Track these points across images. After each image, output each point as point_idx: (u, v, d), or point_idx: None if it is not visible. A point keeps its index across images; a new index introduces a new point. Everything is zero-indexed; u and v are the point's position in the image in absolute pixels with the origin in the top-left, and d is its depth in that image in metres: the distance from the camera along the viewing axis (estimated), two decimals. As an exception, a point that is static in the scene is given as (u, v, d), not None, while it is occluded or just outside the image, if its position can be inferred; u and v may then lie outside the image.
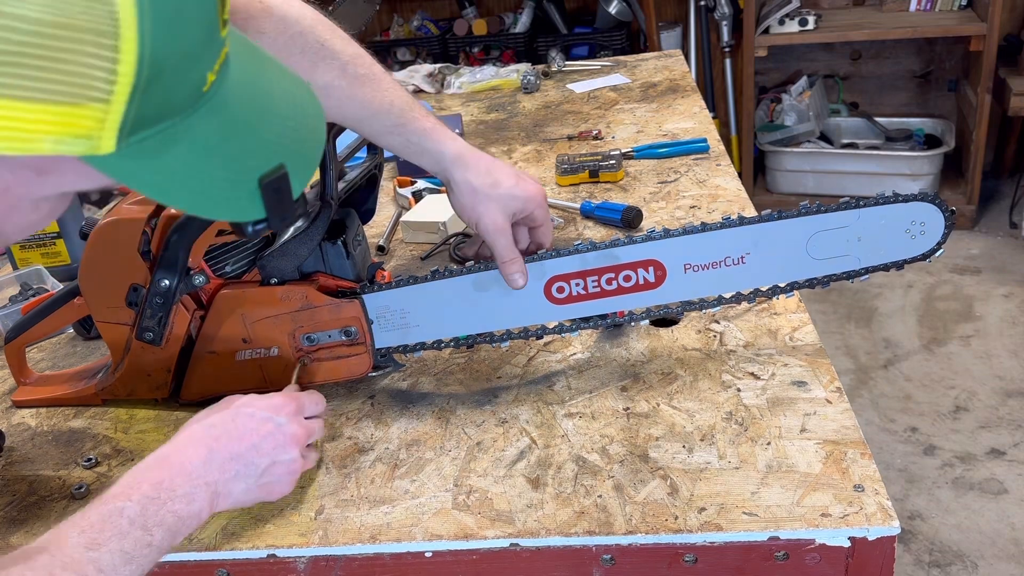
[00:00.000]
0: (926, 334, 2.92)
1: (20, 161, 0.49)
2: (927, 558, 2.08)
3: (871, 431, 2.49)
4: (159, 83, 0.48)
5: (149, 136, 0.50)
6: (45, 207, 0.55)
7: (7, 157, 0.47)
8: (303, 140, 0.61)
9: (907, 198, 0.94)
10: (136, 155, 0.50)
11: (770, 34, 3.51)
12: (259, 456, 0.80)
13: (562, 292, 0.97)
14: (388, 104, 0.99)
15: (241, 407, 0.82)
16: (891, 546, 0.78)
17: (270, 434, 0.81)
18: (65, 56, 0.44)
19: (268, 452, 0.81)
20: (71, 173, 0.52)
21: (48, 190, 0.53)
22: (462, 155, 1.01)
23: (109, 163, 0.49)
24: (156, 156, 0.51)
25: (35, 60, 0.44)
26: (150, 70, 0.47)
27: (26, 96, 0.45)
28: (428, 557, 0.83)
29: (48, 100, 0.45)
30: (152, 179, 0.52)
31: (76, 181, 0.53)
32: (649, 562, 0.81)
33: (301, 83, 0.63)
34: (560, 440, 0.93)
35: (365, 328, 0.99)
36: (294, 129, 0.60)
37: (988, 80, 3.29)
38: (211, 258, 0.98)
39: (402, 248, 1.43)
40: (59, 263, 1.46)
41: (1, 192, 0.51)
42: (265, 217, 0.57)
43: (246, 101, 0.56)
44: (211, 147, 0.53)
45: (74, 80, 0.45)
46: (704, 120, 1.82)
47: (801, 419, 0.91)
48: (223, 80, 0.54)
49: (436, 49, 3.88)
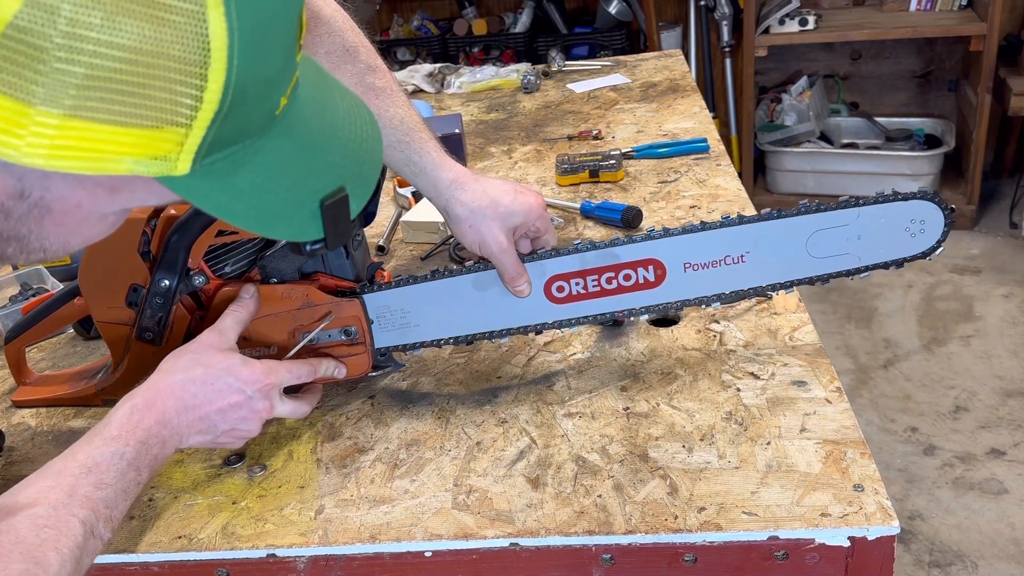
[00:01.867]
0: (926, 334, 2.92)
1: (95, 179, 0.50)
2: (927, 558, 2.08)
3: (871, 431, 2.49)
4: (239, 108, 0.49)
5: (222, 158, 0.51)
6: (110, 220, 0.57)
7: (84, 176, 0.48)
8: (363, 162, 0.62)
9: (907, 196, 0.94)
10: (208, 175, 0.51)
11: (770, 34, 3.51)
12: (223, 422, 0.86)
13: (562, 291, 0.97)
14: (398, 120, 1.01)
15: (223, 373, 0.86)
16: (891, 546, 0.78)
17: (239, 405, 0.86)
18: (154, 83, 0.45)
19: (231, 420, 0.86)
20: (142, 191, 0.53)
21: (117, 206, 0.55)
22: (459, 180, 1.02)
23: (181, 183, 0.51)
24: (226, 177, 0.52)
25: (124, 86, 0.45)
26: (234, 97, 0.48)
27: (111, 120, 0.45)
28: (428, 557, 0.83)
29: (133, 124, 0.46)
30: (220, 198, 0.53)
31: (146, 198, 0.54)
32: (649, 562, 0.81)
33: (361, 104, 0.65)
34: (560, 440, 0.93)
35: (365, 328, 0.99)
36: (355, 151, 0.61)
37: (988, 80, 3.29)
38: (211, 258, 0.98)
39: (402, 248, 1.43)
40: (59, 263, 1.46)
41: (73, 207, 0.52)
42: (323, 238, 0.58)
43: (313, 123, 0.58)
44: (279, 169, 0.55)
45: (161, 106, 0.46)
46: (704, 120, 1.82)
47: (801, 419, 0.91)
48: (294, 102, 0.55)
49: (436, 49, 3.88)
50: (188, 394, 0.84)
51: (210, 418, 0.85)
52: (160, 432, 0.81)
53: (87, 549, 0.71)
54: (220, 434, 0.86)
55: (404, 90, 1.04)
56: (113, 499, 0.74)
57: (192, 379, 0.85)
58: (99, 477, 0.74)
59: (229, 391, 0.85)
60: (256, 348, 0.99)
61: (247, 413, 0.87)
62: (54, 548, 0.68)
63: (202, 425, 0.84)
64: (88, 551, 0.71)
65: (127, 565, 0.85)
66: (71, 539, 0.69)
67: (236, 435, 0.88)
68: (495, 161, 1.75)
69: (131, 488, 0.77)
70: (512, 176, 1.66)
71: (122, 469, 0.76)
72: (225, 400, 0.85)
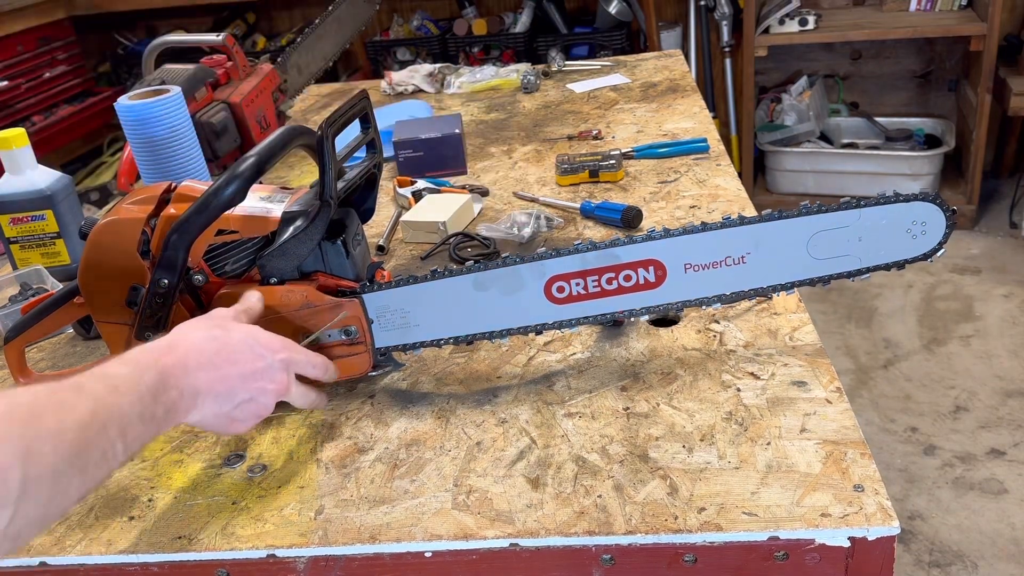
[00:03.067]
0: (926, 334, 2.92)
1: None
2: (927, 558, 2.08)
3: (871, 431, 2.49)
4: None
5: None
6: None
7: None
8: None
9: (908, 198, 0.94)
10: None
11: (770, 34, 3.51)
12: (242, 388, 0.81)
13: (562, 292, 0.97)
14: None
15: (245, 336, 0.83)
16: (891, 546, 0.78)
17: (259, 373, 0.83)
18: None
19: (251, 389, 0.82)
20: None
21: None
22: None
23: None
24: None
25: None
26: None
27: None
28: (428, 557, 0.83)
29: None
30: None
31: None
32: (649, 562, 0.81)
33: None
34: (560, 440, 0.93)
35: (365, 328, 0.99)
36: None
37: (988, 80, 3.29)
38: (211, 258, 0.98)
39: (402, 248, 1.43)
40: (59, 263, 1.46)
41: None
42: None
43: None
44: None
45: None
46: (704, 120, 1.82)
47: (801, 419, 0.91)
48: None
49: (436, 49, 3.88)
50: (210, 350, 0.79)
51: (230, 380, 0.80)
52: (179, 378, 0.74)
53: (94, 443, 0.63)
54: (238, 404, 0.81)
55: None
56: (128, 411, 0.67)
57: (213, 337, 0.81)
58: (113, 383, 0.67)
59: (251, 354, 0.82)
60: (256, 348, 0.99)
61: (266, 383, 0.83)
62: (53, 415, 0.61)
63: (221, 387, 0.79)
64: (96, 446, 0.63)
65: (127, 565, 0.85)
66: (74, 414, 0.62)
67: (251, 410, 0.83)
68: (495, 161, 1.75)
69: (147, 416, 0.69)
70: (512, 176, 1.66)
71: (140, 392, 0.69)
72: (247, 364, 0.81)
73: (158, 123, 1.47)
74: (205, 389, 0.78)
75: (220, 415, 0.82)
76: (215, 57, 1.81)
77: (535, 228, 1.39)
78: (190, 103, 1.62)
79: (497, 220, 1.45)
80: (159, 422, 0.72)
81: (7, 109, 3.69)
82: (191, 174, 1.52)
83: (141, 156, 1.50)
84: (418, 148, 1.69)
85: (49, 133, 3.78)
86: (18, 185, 1.42)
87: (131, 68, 4.26)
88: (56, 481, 0.60)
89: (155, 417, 0.71)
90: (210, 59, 1.80)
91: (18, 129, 1.44)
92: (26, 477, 0.58)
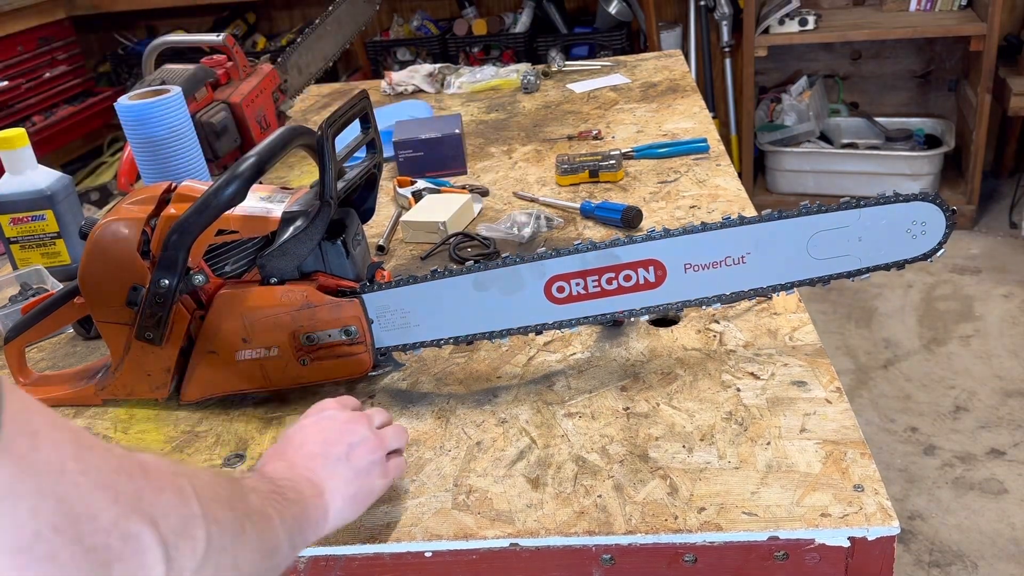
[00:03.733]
0: (926, 334, 2.92)
1: None
2: (927, 558, 2.08)
3: (871, 431, 2.49)
4: None
5: None
6: None
7: None
8: None
9: (908, 198, 0.94)
10: None
11: (770, 34, 3.51)
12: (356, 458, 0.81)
13: (562, 292, 0.97)
14: None
15: (323, 416, 0.84)
16: (891, 546, 0.78)
17: (365, 441, 0.83)
18: None
19: (363, 456, 0.82)
20: None
21: None
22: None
23: None
24: None
25: None
26: None
27: None
28: (428, 557, 0.83)
29: None
30: None
31: None
32: (649, 562, 0.81)
33: None
34: (560, 440, 0.93)
35: (365, 327, 0.99)
36: None
37: (988, 80, 3.29)
38: (211, 258, 0.98)
39: (402, 248, 1.43)
40: (59, 263, 1.46)
41: None
42: None
43: None
44: None
45: None
46: (704, 120, 1.82)
47: (801, 419, 0.91)
48: None
49: (436, 49, 3.88)
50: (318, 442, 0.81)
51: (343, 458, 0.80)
52: (303, 487, 0.74)
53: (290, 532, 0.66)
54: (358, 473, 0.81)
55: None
56: (289, 528, 0.67)
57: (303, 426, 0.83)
58: (267, 498, 0.67)
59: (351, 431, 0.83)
60: (256, 349, 0.99)
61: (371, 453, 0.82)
62: (275, 510, 0.64)
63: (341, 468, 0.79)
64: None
65: (127, 565, 0.85)
66: (287, 511, 0.65)
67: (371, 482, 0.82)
68: (495, 161, 1.75)
69: (296, 529, 0.68)
70: (512, 176, 1.66)
71: (288, 499, 0.69)
72: (352, 435, 0.82)
73: (158, 123, 1.47)
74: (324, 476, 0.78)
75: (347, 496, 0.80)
76: (215, 57, 1.81)
77: (535, 228, 1.39)
78: (190, 103, 1.62)
79: (497, 220, 1.45)
80: (300, 539, 0.71)
81: (7, 109, 3.69)
82: (191, 174, 1.52)
83: (141, 156, 1.50)
84: (418, 148, 1.69)
85: (49, 133, 3.78)
86: (18, 185, 1.42)
87: (131, 68, 4.26)
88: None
89: (272, 529, 0.67)
90: (210, 59, 1.80)
91: (18, 129, 1.44)
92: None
